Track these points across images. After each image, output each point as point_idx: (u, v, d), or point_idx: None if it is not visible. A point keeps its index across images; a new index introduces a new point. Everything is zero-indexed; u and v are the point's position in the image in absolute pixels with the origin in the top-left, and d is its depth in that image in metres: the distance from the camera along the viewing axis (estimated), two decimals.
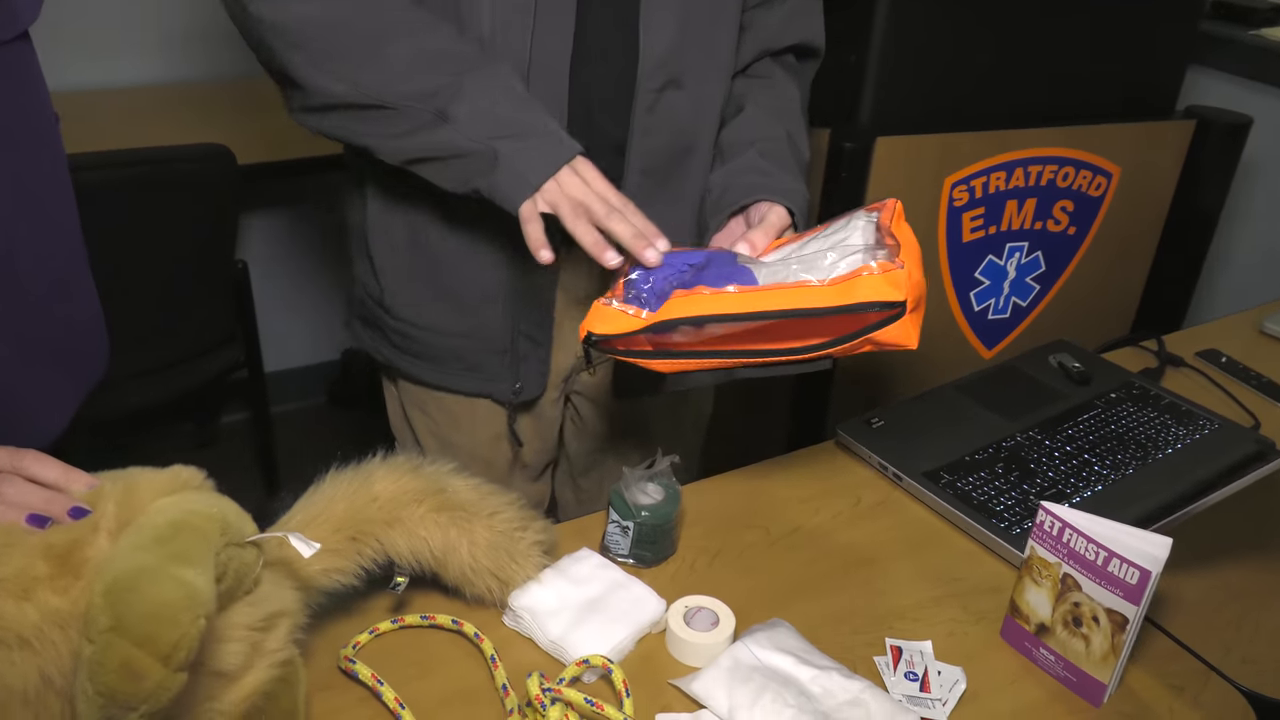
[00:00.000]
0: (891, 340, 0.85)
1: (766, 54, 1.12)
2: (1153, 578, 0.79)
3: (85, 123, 2.10)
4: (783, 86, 1.12)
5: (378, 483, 0.85)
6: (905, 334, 0.85)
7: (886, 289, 0.83)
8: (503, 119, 0.92)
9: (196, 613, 0.54)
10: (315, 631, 0.86)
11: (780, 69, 1.13)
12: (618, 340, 0.89)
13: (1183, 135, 1.80)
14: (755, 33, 1.10)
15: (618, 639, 0.88)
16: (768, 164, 1.04)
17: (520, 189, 0.92)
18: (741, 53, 1.10)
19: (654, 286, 0.90)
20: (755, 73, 1.12)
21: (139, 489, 0.66)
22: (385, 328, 1.15)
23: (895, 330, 0.85)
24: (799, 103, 1.12)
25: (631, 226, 0.91)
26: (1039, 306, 1.84)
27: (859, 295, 0.83)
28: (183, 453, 2.55)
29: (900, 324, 0.84)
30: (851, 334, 0.85)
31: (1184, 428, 1.22)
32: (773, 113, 1.09)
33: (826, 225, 0.94)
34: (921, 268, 0.89)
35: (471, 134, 0.91)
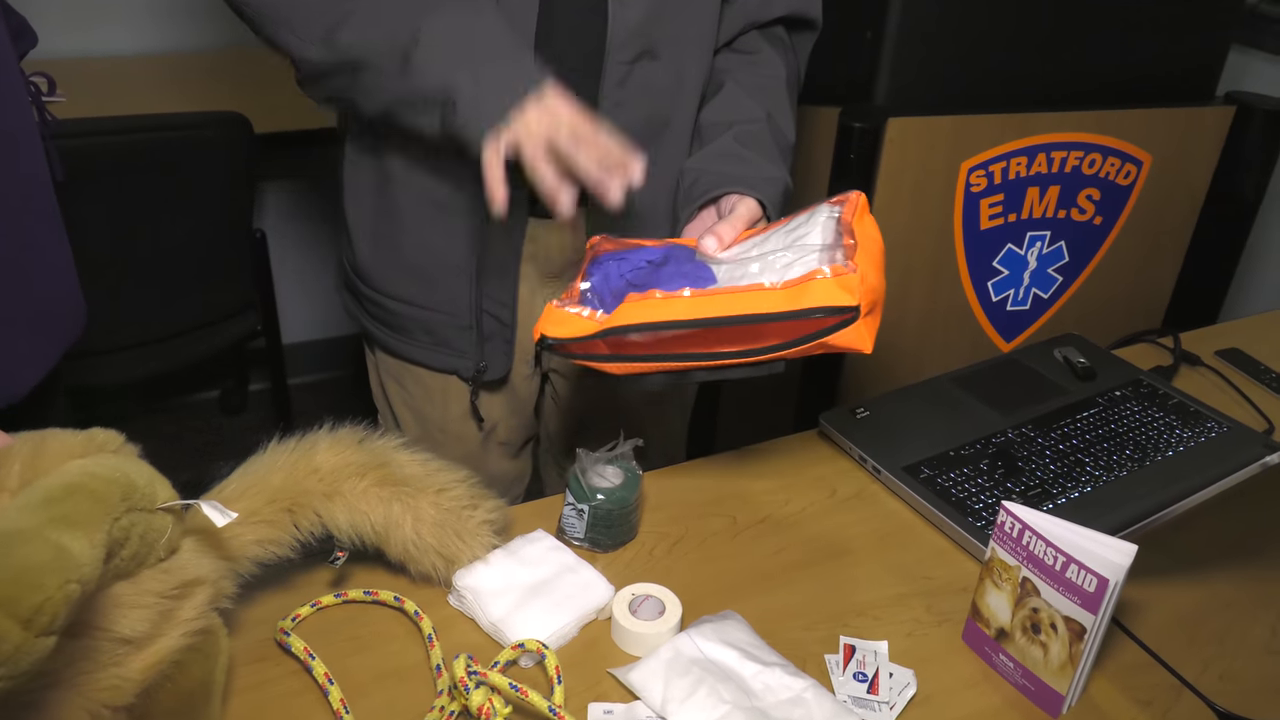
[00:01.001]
0: (845, 344, 0.82)
1: (753, 26, 1.08)
2: (1112, 586, 0.75)
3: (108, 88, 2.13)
4: (767, 63, 1.07)
5: (319, 454, 0.83)
6: (859, 338, 0.82)
7: (838, 294, 0.80)
8: (462, 50, 0.87)
9: (66, 577, 0.53)
10: (255, 603, 0.86)
11: (767, 43, 1.08)
12: (572, 344, 0.87)
13: (1221, 122, 1.71)
14: (740, 4, 1.06)
15: (560, 624, 0.86)
16: (745, 150, 0.99)
17: (476, 130, 0.87)
18: (726, 25, 1.06)
19: (610, 287, 0.87)
20: (740, 47, 1.08)
21: (48, 450, 0.65)
22: (360, 295, 1.15)
23: (849, 334, 0.82)
24: (784, 80, 1.07)
25: (594, 162, 0.85)
26: (1062, 299, 1.77)
27: (810, 300, 0.80)
28: (211, 419, 2.60)
29: (854, 328, 0.81)
30: (804, 338, 0.82)
31: (1190, 429, 1.16)
32: (754, 91, 1.04)
33: (793, 217, 0.91)
34: (881, 268, 0.86)
35: (429, 74, 0.88)
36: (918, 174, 1.55)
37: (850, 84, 1.56)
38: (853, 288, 0.80)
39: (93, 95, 2.05)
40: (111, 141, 1.75)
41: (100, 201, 1.76)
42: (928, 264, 1.65)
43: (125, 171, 1.77)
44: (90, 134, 1.72)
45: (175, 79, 2.20)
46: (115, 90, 2.12)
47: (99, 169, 1.74)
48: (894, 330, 1.69)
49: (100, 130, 1.74)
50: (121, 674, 0.65)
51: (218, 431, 2.56)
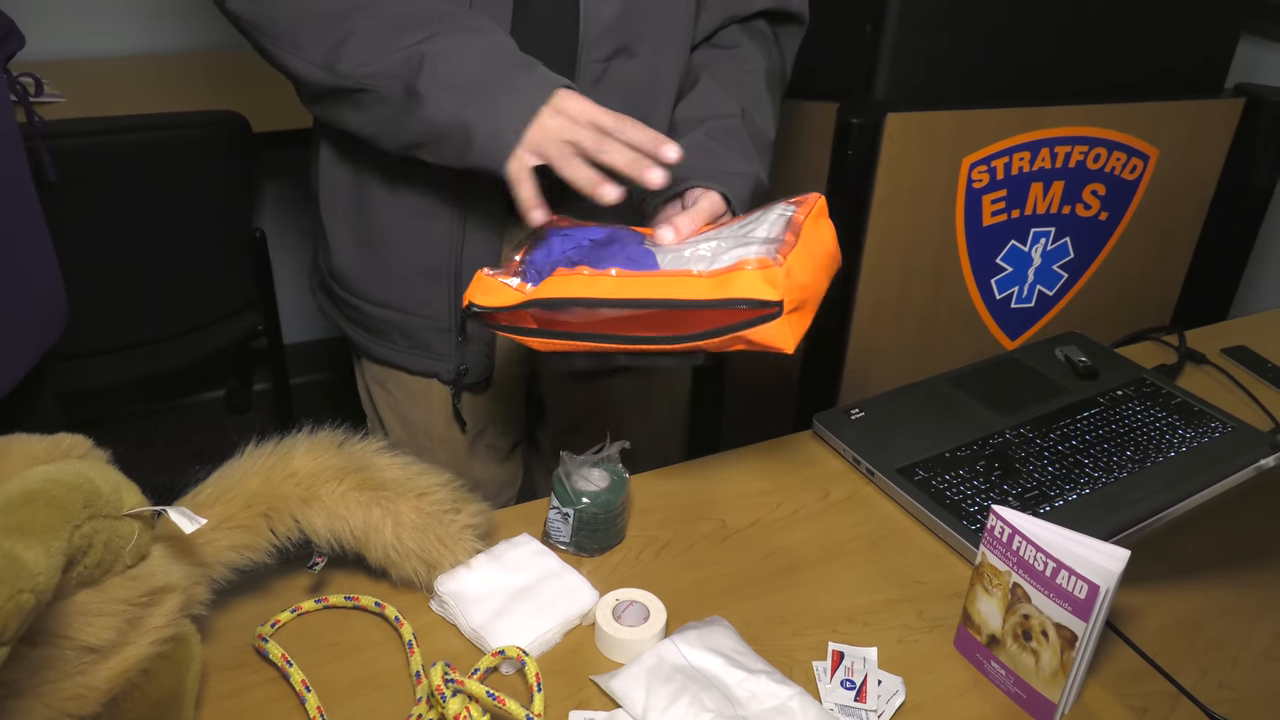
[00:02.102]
0: (764, 341, 0.80)
1: (733, 20, 1.06)
2: (1103, 592, 0.73)
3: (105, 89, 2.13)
4: (747, 57, 1.05)
5: (297, 459, 0.82)
6: (780, 336, 0.80)
7: (761, 286, 0.78)
8: (469, 82, 0.87)
9: (17, 587, 0.52)
10: (233, 609, 0.85)
11: (747, 38, 1.06)
12: (499, 313, 0.86)
13: (1230, 115, 1.68)
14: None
15: (542, 630, 0.84)
16: (715, 144, 0.97)
17: (500, 151, 0.86)
18: (706, 19, 1.04)
19: (548, 260, 0.86)
20: (719, 42, 1.06)
21: (11, 456, 0.64)
22: (337, 299, 1.14)
23: (769, 330, 0.79)
24: (762, 75, 1.05)
25: (627, 152, 0.84)
26: (1067, 296, 1.74)
27: (733, 290, 0.79)
28: (216, 418, 2.60)
29: (776, 325, 0.79)
30: (723, 328, 0.80)
31: (1192, 429, 1.14)
32: (730, 87, 1.02)
33: (751, 214, 0.89)
34: (823, 270, 0.84)
35: (441, 108, 0.87)
36: (918, 170, 1.53)
37: (848, 78, 1.54)
38: (776, 282, 0.78)
39: (91, 96, 2.05)
40: (110, 142, 1.75)
41: (99, 202, 1.76)
42: (929, 262, 1.62)
43: (124, 172, 1.76)
44: (89, 134, 1.72)
45: (174, 79, 2.20)
46: (114, 90, 2.12)
47: (97, 169, 1.73)
48: (896, 329, 1.67)
49: (99, 130, 1.74)
50: (87, 683, 0.64)
51: (222, 431, 2.56)
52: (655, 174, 0.84)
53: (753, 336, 0.80)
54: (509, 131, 0.86)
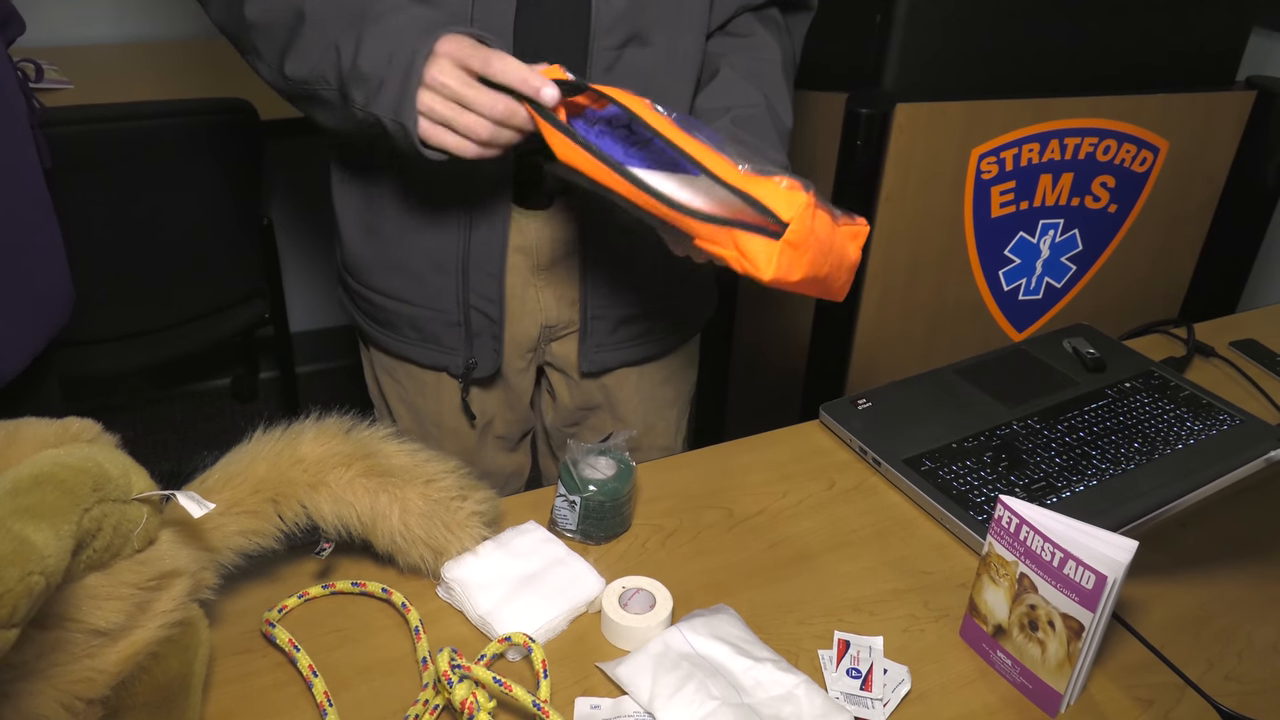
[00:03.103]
0: (748, 254, 0.79)
1: (746, 8, 1.05)
2: (1110, 583, 0.73)
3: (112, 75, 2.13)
4: (762, 46, 1.05)
5: (304, 444, 0.82)
6: (764, 256, 0.79)
7: (780, 200, 0.78)
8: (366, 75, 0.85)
9: (27, 569, 0.52)
10: (240, 594, 0.85)
11: (761, 25, 1.06)
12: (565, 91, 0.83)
13: (1241, 107, 1.67)
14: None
15: (549, 617, 0.84)
16: (743, 134, 0.97)
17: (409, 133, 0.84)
18: (719, 8, 1.04)
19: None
20: (733, 30, 1.06)
21: (20, 440, 0.64)
22: (351, 291, 1.14)
23: (758, 244, 0.78)
24: (780, 63, 1.05)
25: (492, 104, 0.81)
26: (1075, 288, 1.74)
27: (753, 189, 0.79)
28: (223, 406, 2.61)
29: (766, 243, 0.78)
30: (723, 218, 0.79)
31: (1201, 422, 1.13)
32: (751, 76, 1.02)
33: None
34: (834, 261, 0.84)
35: (359, 105, 0.87)
36: (927, 161, 1.53)
37: (857, 69, 1.54)
38: (794, 204, 0.78)
39: (98, 83, 2.05)
40: (118, 129, 1.75)
41: (106, 189, 1.76)
42: (937, 253, 1.62)
43: (132, 159, 1.77)
44: (97, 121, 1.73)
45: (181, 66, 2.20)
46: (121, 78, 2.12)
47: (105, 156, 1.74)
48: (903, 320, 1.67)
49: (106, 117, 1.74)
50: (95, 666, 0.65)
51: (229, 418, 2.57)
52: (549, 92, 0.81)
53: (742, 241, 0.79)
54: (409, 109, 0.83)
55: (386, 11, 0.86)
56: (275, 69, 0.93)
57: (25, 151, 0.93)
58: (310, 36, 0.89)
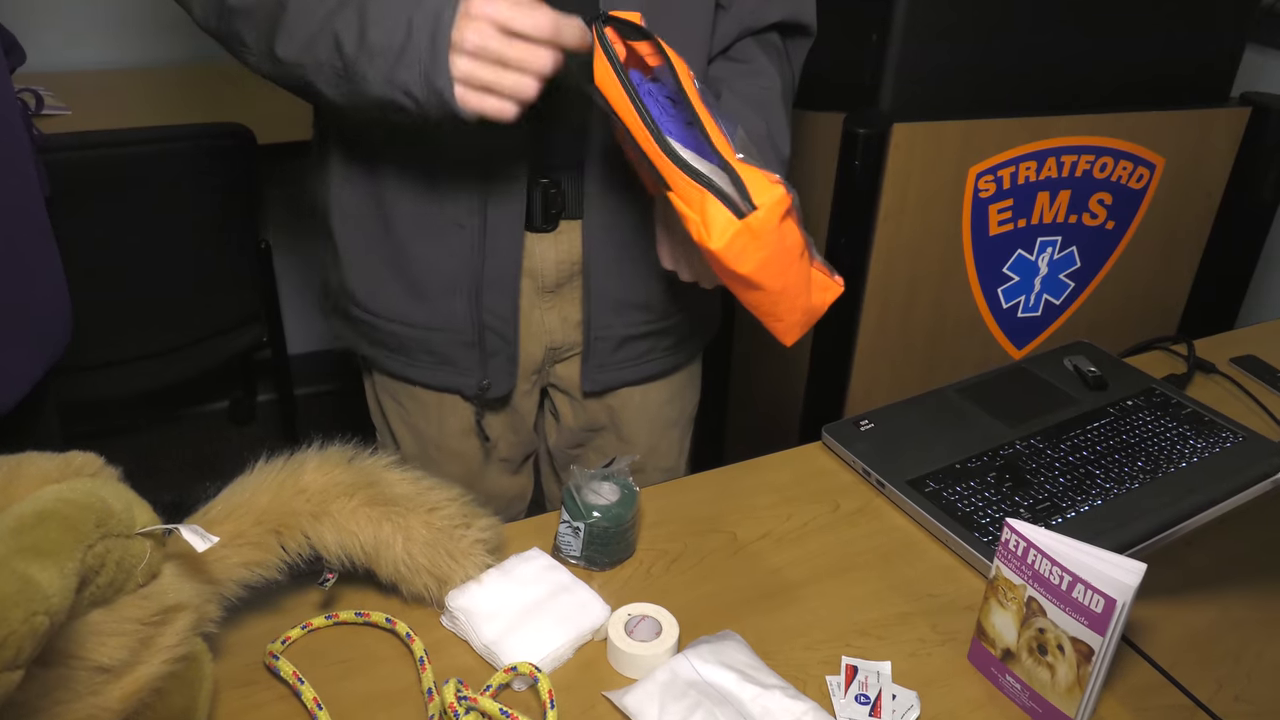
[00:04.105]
0: (709, 220, 0.80)
1: (748, 33, 1.06)
2: (1119, 606, 0.72)
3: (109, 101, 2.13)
4: (762, 72, 1.05)
5: (307, 474, 0.82)
6: (720, 226, 0.79)
7: (759, 185, 0.80)
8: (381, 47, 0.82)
9: (31, 609, 0.52)
10: (243, 626, 0.85)
11: (761, 51, 1.06)
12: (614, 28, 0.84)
13: (1236, 124, 1.68)
14: (735, 10, 1.04)
15: (555, 646, 0.84)
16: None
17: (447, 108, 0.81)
18: (721, 32, 1.04)
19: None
20: (734, 55, 1.06)
21: (23, 475, 0.64)
22: (355, 319, 1.13)
23: (721, 215, 0.79)
24: (779, 91, 1.05)
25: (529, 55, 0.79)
26: (1074, 305, 1.74)
27: (740, 169, 0.80)
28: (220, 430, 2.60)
29: (727, 218, 0.79)
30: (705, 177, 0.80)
31: (1203, 440, 1.13)
32: (751, 104, 1.02)
33: None
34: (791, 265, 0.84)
35: (371, 83, 0.83)
36: (924, 180, 1.53)
37: (854, 89, 1.54)
38: (764, 194, 0.79)
39: (95, 108, 2.05)
40: (115, 155, 1.75)
41: (103, 215, 1.76)
42: (936, 271, 1.62)
43: (129, 185, 1.77)
44: (94, 147, 1.73)
45: (178, 91, 2.21)
46: (118, 103, 2.13)
47: (103, 182, 1.74)
48: (902, 339, 1.67)
49: (104, 143, 1.74)
50: (99, 703, 0.64)
51: (227, 442, 2.56)
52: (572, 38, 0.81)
53: (709, 206, 0.79)
54: (444, 88, 0.80)
55: None
56: (265, 54, 0.90)
57: (29, 182, 0.93)
58: (297, 16, 0.85)
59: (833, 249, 1.56)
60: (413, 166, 1.01)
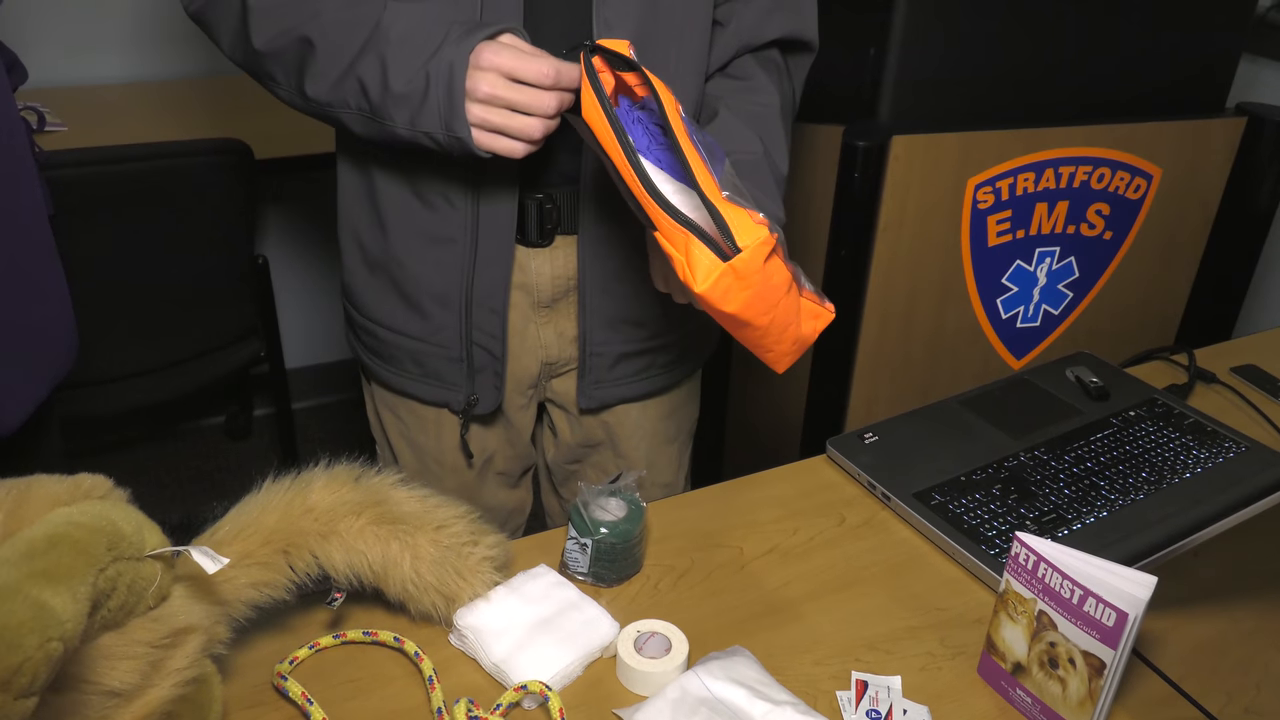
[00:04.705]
0: (694, 263, 0.80)
1: (746, 50, 1.06)
2: (1131, 620, 0.72)
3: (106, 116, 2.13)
4: (761, 90, 1.05)
5: (314, 493, 0.82)
6: (705, 269, 0.80)
7: (742, 227, 0.79)
8: (404, 95, 0.88)
9: (46, 636, 0.51)
10: (251, 647, 0.84)
11: (760, 69, 1.06)
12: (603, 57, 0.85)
13: (1232, 134, 1.69)
14: (733, 27, 1.04)
15: (564, 663, 0.83)
16: (739, 182, 0.98)
17: (464, 144, 0.89)
18: (719, 49, 1.05)
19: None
20: (733, 73, 1.06)
21: (32, 498, 0.63)
22: (355, 324, 1.14)
23: (705, 257, 0.79)
24: (778, 109, 1.05)
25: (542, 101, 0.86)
26: (1072, 315, 1.75)
27: (724, 210, 0.80)
28: (217, 445, 2.59)
29: (713, 260, 0.79)
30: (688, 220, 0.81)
31: (1207, 450, 1.13)
32: (749, 121, 1.02)
33: None
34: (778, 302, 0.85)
35: (402, 124, 0.90)
36: (923, 192, 1.54)
37: (853, 101, 1.55)
38: (750, 236, 0.79)
39: (92, 124, 2.05)
40: (112, 171, 1.75)
41: (101, 231, 1.75)
42: (935, 282, 1.63)
43: (126, 201, 1.76)
44: (92, 164, 1.72)
45: (175, 106, 2.20)
46: (114, 118, 2.12)
47: (99, 199, 1.73)
48: (902, 349, 1.67)
49: (101, 160, 1.74)
50: None
51: (223, 457, 2.55)
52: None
53: (693, 249, 0.80)
54: (463, 135, 0.88)
55: (395, 23, 0.89)
56: (294, 91, 0.95)
57: (35, 202, 0.92)
58: (324, 61, 0.91)
59: (833, 260, 1.56)
60: (407, 179, 1.02)
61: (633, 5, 0.94)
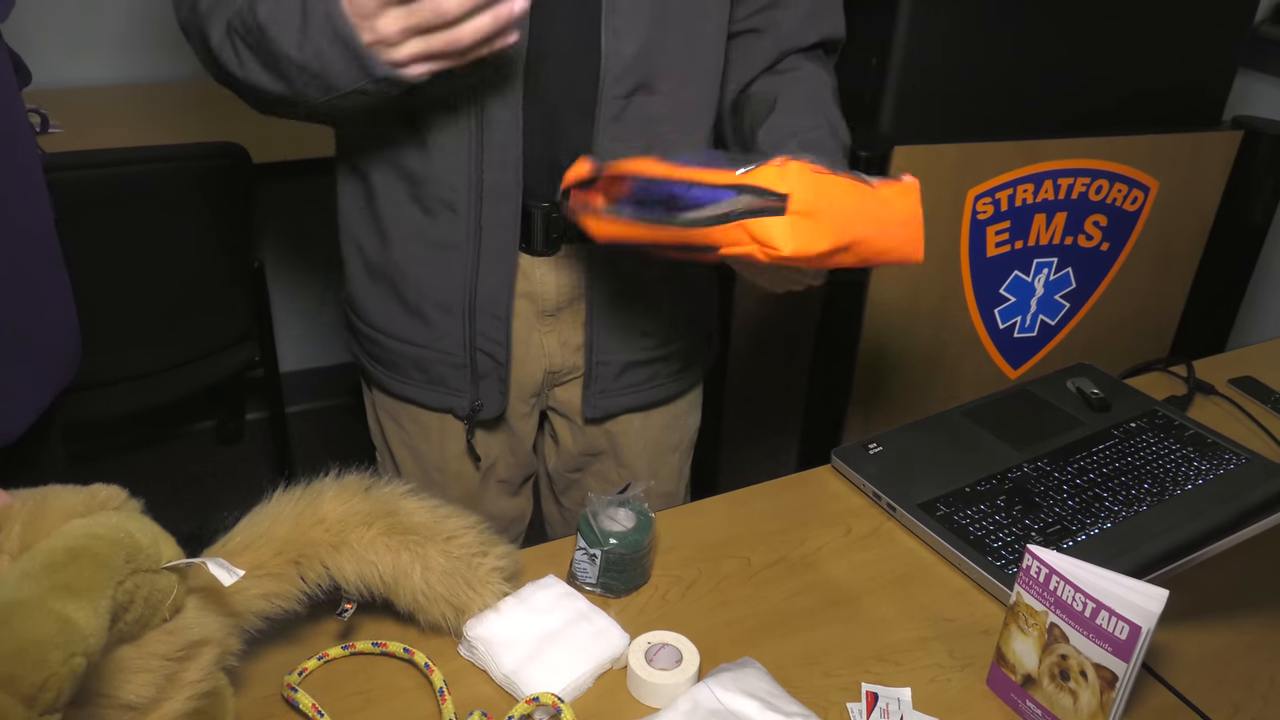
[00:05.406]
0: (762, 236, 0.78)
1: (790, 53, 1.08)
2: (1144, 633, 0.73)
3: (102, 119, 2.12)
4: (812, 75, 1.07)
5: (326, 504, 0.81)
6: (779, 233, 0.78)
7: (773, 177, 0.78)
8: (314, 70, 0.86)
9: (70, 651, 0.51)
10: (260, 658, 0.84)
11: (807, 60, 1.09)
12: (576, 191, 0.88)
13: (1228, 147, 1.70)
14: (773, 34, 1.06)
15: (575, 675, 0.83)
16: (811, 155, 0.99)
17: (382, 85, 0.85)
18: (761, 55, 1.07)
19: None
20: (781, 69, 1.08)
21: (49, 510, 0.63)
22: (357, 331, 1.13)
23: (769, 225, 0.78)
24: (831, 88, 1.08)
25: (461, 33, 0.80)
26: (1069, 325, 1.76)
27: (750, 179, 0.79)
28: (208, 449, 2.57)
29: (777, 220, 0.77)
30: (732, 213, 0.79)
31: (1207, 461, 1.14)
32: (808, 103, 1.04)
33: None
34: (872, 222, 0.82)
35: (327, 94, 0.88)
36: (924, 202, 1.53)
37: (855, 111, 1.55)
38: (788, 175, 0.77)
39: (87, 126, 2.03)
40: (108, 174, 1.73)
41: (97, 235, 1.74)
42: (934, 291, 1.63)
43: (122, 204, 1.75)
44: (87, 166, 1.71)
45: (172, 109, 2.19)
46: (110, 120, 2.11)
47: (95, 202, 1.72)
48: (900, 357, 1.68)
49: (97, 163, 1.72)
50: None
51: (215, 462, 2.53)
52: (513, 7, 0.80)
53: (755, 229, 0.78)
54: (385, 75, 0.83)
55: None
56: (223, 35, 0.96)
57: (42, 208, 0.92)
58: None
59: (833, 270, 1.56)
60: (408, 186, 1.01)
61: (642, 13, 0.94)
